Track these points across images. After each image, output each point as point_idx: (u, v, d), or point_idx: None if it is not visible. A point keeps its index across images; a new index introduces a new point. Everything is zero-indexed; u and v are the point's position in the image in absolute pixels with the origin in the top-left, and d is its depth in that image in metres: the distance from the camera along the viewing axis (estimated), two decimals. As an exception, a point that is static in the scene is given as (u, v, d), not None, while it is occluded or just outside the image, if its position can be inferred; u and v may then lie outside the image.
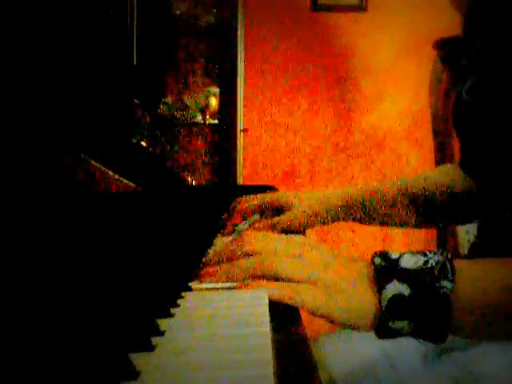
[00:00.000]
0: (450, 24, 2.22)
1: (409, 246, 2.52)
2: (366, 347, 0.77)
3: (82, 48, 0.68)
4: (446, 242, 2.31)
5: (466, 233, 2.17)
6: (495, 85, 0.70)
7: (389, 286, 0.49)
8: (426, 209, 0.91)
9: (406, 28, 2.53)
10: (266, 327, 0.41)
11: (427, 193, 0.90)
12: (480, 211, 0.87)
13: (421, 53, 2.47)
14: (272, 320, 0.44)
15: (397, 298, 0.49)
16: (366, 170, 2.55)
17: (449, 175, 0.91)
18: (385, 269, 0.51)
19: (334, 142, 2.56)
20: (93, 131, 0.66)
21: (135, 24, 0.95)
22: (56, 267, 0.42)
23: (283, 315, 0.47)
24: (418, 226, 0.96)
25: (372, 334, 0.53)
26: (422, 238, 2.56)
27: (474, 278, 0.51)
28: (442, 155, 2.32)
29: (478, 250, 0.80)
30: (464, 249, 2.20)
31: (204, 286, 0.54)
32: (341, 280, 0.51)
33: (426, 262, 0.50)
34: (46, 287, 0.39)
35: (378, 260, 0.52)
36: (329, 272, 0.51)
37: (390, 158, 2.56)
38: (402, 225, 0.93)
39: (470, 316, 0.50)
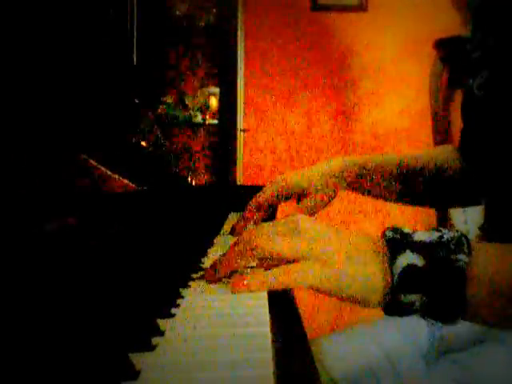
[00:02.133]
0: (450, 24, 2.22)
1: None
2: (366, 347, 0.77)
3: (83, 48, 0.68)
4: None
5: (467, 233, 2.17)
6: (508, 80, 0.69)
7: (401, 256, 0.47)
8: (422, 185, 0.91)
9: (406, 28, 2.53)
10: (265, 327, 0.41)
11: (426, 169, 0.90)
12: (474, 195, 0.87)
13: (421, 53, 2.47)
14: (272, 320, 0.44)
15: (410, 268, 0.47)
16: (366, 170, 2.55)
17: (448, 155, 0.91)
18: (398, 240, 0.49)
19: (334, 142, 2.56)
20: (93, 131, 0.66)
21: (135, 24, 0.95)
22: (56, 267, 0.42)
23: (283, 315, 0.47)
24: (413, 203, 0.95)
25: (373, 335, 0.53)
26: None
27: (488, 257, 0.49)
28: (442, 155, 2.31)
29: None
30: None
31: (204, 288, 0.54)
32: (345, 254, 0.49)
33: (441, 237, 0.48)
34: (46, 287, 0.39)
35: (389, 233, 0.50)
36: (330, 246, 0.49)
37: (390, 158, 2.56)
38: (398, 200, 0.93)
39: (483, 295, 0.48)
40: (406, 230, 0.50)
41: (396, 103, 2.56)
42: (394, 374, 0.75)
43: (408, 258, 0.47)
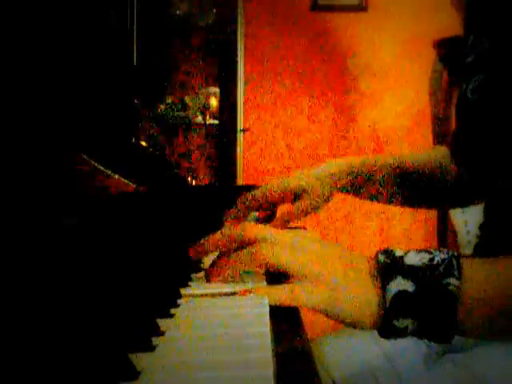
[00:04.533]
0: (449, 24, 2.22)
1: (408, 245, 2.52)
2: (367, 348, 0.77)
3: (83, 48, 0.68)
4: (445, 240, 2.31)
5: (467, 233, 2.17)
6: (501, 84, 0.69)
7: (393, 282, 0.48)
8: (419, 186, 0.91)
9: (406, 28, 2.53)
10: (266, 327, 0.41)
11: (423, 170, 0.90)
12: (470, 196, 0.87)
13: (421, 53, 2.47)
14: (272, 320, 0.44)
15: (401, 295, 0.48)
16: (366, 170, 2.55)
17: (444, 156, 0.91)
18: (389, 266, 0.49)
19: (334, 142, 2.56)
20: (93, 131, 0.66)
21: (135, 24, 0.95)
22: (56, 267, 0.42)
23: (283, 315, 0.47)
24: (410, 204, 0.96)
25: (374, 335, 0.53)
26: (421, 237, 2.56)
27: (480, 277, 0.50)
28: (442, 155, 2.31)
29: (481, 251, 0.79)
30: (464, 248, 2.20)
31: (205, 291, 0.53)
32: (341, 276, 0.50)
33: (432, 260, 0.49)
34: (46, 287, 0.39)
35: (381, 257, 0.51)
36: (328, 268, 0.50)
37: (390, 158, 2.56)
38: (395, 202, 0.93)
39: (476, 315, 0.49)
40: (398, 252, 0.51)
41: (396, 103, 2.56)
42: (393, 374, 0.74)
43: (399, 284, 0.48)
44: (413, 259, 0.50)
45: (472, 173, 0.81)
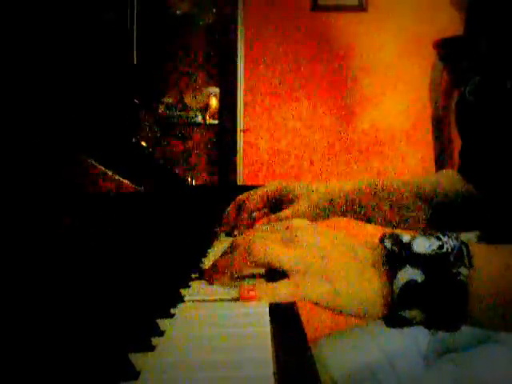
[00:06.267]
0: (449, 24, 2.22)
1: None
2: (366, 348, 0.77)
3: (83, 47, 0.68)
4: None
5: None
6: (498, 86, 0.70)
7: (401, 272, 0.47)
8: (436, 211, 0.89)
9: (406, 28, 2.53)
10: (266, 327, 0.41)
11: (438, 195, 0.88)
12: (480, 218, 0.85)
13: (421, 53, 2.47)
14: (272, 320, 0.44)
15: (409, 284, 0.46)
16: (366, 169, 2.55)
17: (451, 179, 0.89)
18: (396, 254, 0.48)
19: (334, 142, 2.56)
20: (92, 131, 0.66)
21: (135, 24, 0.95)
22: (56, 268, 0.42)
23: (283, 315, 0.47)
24: (425, 228, 0.93)
25: (372, 335, 0.53)
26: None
27: (490, 264, 0.48)
28: (441, 155, 2.32)
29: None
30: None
31: (207, 297, 0.52)
32: (342, 268, 0.48)
33: (441, 247, 0.47)
34: (46, 288, 0.39)
35: (388, 243, 0.49)
36: (329, 260, 0.49)
37: (390, 158, 2.56)
38: (409, 227, 0.91)
39: (485, 304, 0.47)
40: (405, 237, 0.49)
41: (396, 103, 2.56)
42: (393, 374, 0.75)
43: (407, 274, 0.46)
44: (421, 246, 0.47)
45: (481, 189, 0.81)
